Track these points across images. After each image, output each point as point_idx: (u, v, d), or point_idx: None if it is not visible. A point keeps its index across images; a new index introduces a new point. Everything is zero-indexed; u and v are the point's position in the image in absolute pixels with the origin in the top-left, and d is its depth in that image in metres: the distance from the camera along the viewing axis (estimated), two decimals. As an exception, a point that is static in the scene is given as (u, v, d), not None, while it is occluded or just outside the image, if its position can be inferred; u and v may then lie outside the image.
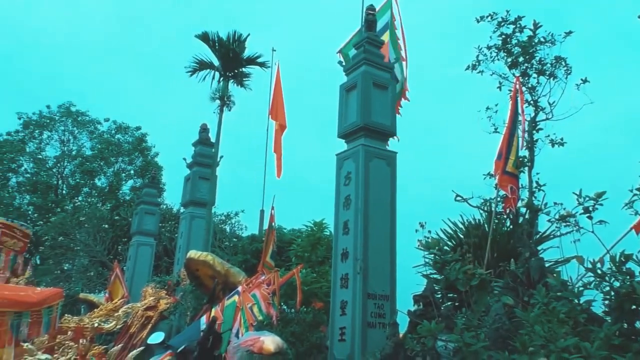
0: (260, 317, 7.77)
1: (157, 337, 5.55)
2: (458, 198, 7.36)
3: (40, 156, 28.47)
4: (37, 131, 28.69)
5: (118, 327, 9.06)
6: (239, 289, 8.54)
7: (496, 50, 9.14)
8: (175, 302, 11.57)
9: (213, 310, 8.67)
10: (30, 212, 26.81)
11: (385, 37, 10.76)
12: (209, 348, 4.67)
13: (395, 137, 8.86)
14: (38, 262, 23.44)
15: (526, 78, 8.84)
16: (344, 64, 9.59)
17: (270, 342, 5.97)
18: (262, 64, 15.61)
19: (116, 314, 8.61)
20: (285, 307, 8.81)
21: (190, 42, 15.25)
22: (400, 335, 6.31)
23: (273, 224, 10.65)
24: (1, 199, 26.40)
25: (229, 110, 15.05)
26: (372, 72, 8.55)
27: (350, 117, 8.54)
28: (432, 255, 6.53)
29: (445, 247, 7.42)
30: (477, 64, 9.32)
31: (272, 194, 15.05)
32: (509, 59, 8.95)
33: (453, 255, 5.57)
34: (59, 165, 28.63)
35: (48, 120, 28.76)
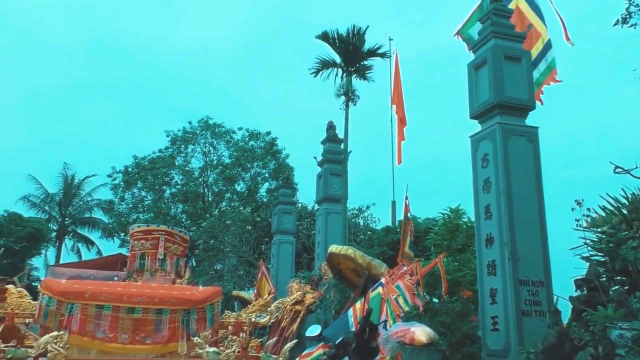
0: (407, 307, 7.68)
1: (314, 330, 5.76)
2: (618, 170, 6.54)
3: (187, 168, 31.33)
4: (182, 146, 31.60)
5: (271, 321, 9.57)
6: (382, 280, 8.53)
7: (650, -2, 8.00)
8: (320, 296, 11.92)
9: (358, 302, 8.78)
10: (183, 219, 29.65)
11: (513, 5, 10.00)
12: (365, 340, 4.71)
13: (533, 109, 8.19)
14: (194, 264, 25.83)
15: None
16: (475, 38, 9.06)
17: (421, 332, 5.87)
18: (382, 55, 15.50)
19: (269, 309, 9.10)
20: (429, 297, 8.62)
21: (312, 41, 15.64)
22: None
23: (408, 214, 10.49)
24: (160, 209, 29.58)
25: (354, 105, 15.15)
26: (503, 45, 8.00)
27: (482, 95, 8.09)
28: (596, 235, 5.87)
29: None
30: (627, 16, 8.23)
31: (401, 185, 14.87)
32: (668, 5, 7.78)
33: (628, 232, 4.91)
34: (203, 175, 31.26)
35: (191, 135, 31.54)
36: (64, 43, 67.57)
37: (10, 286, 8.98)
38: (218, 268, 24.52)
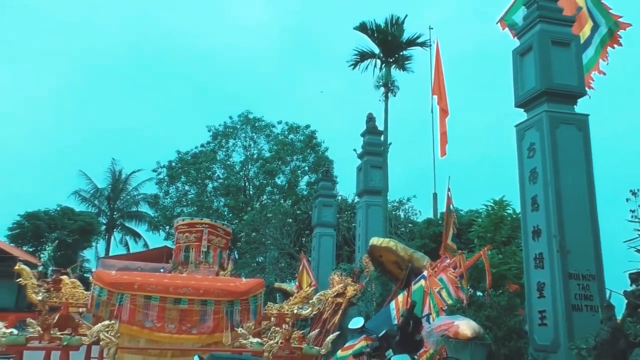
0: (450, 301, 7.55)
1: (357, 322, 5.73)
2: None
3: (228, 162, 31.86)
4: (223, 140, 32.15)
5: (313, 313, 9.60)
6: (425, 273, 8.41)
7: None
8: (362, 289, 11.89)
9: (400, 295, 8.70)
10: (225, 213, 30.20)
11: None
12: (410, 333, 4.67)
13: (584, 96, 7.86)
14: (237, 256, 26.30)
15: None
16: (520, 24, 8.78)
17: (466, 326, 5.77)
18: (422, 44, 15.23)
19: (311, 301, 9.13)
20: (473, 291, 8.45)
21: (350, 33, 15.57)
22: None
23: (451, 206, 10.29)
24: (202, 203, 30.23)
25: (394, 96, 14.94)
26: (550, 30, 7.71)
27: (527, 83, 7.83)
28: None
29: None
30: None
31: (442, 177, 14.62)
32: None
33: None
34: (244, 169, 31.72)
35: (231, 130, 32.05)
36: (113, 44, 69.80)
37: (64, 277, 9.34)
38: (260, 260, 24.88)
